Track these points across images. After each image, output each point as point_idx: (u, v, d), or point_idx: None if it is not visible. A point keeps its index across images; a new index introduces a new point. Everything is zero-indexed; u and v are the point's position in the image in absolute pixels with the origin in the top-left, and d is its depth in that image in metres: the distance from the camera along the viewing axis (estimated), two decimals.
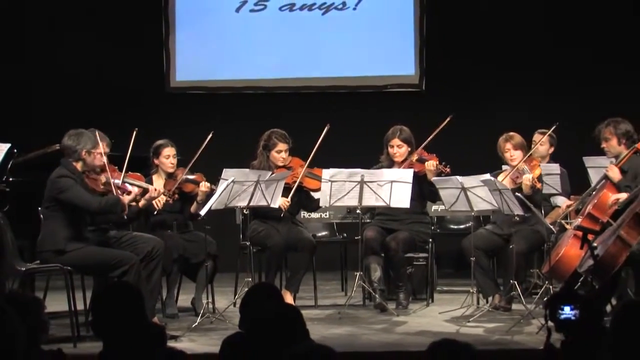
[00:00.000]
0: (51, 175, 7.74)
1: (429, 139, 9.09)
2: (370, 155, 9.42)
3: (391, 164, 9.15)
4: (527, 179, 8.60)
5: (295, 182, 8.94)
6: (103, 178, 7.92)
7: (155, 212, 8.62)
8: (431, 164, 8.91)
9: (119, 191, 7.90)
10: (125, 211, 7.88)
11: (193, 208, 8.76)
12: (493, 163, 9.14)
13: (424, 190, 9.08)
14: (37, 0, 12.09)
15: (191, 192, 8.76)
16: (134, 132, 8.26)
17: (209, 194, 8.47)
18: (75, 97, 11.66)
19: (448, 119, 9.04)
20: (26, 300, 4.88)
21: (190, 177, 8.77)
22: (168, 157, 8.83)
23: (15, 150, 8.99)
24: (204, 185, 8.64)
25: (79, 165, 7.79)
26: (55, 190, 7.67)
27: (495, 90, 11.97)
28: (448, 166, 8.90)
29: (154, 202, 8.47)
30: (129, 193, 7.97)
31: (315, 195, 9.11)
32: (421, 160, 9.03)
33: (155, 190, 8.34)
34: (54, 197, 7.69)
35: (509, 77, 12.01)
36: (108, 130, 8.32)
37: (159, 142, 8.89)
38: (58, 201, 7.68)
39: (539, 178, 8.75)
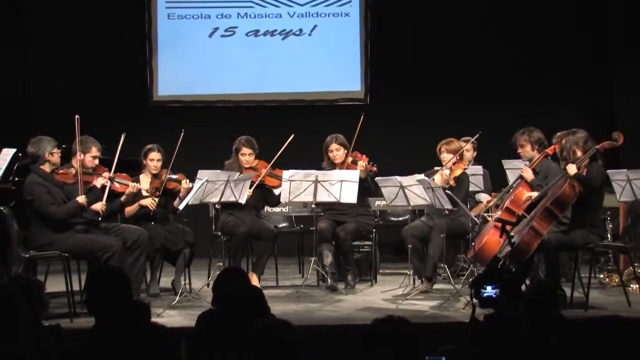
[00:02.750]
0: (25, 181, 7.70)
1: (353, 140, 9.11)
2: (322, 157, 9.42)
3: (332, 167, 9.16)
4: (445, 174, 8.68)
5: (257, 181, 8.95)
6: (72, 171, 7.88)
7: (152, 213, 8.64)
8: (360, 165, 8.95)
9: (88, 179, 7.90)
10: (84, 206, 7.79)
11: (176, 202, 8.72)
12: (426, 163, 9.19)
13: (363, 186, 9.09)
14: (39, 27, 12.00)
15: (174, 189, 8.75)
16: (122, 136, 8.24)
17: (189, 190, 8.46)
18: (71, 109, 11.50)
19: (362, 118, 9.07)
20: (29, 283, 4.85)
21: (173, 176, 8.76)
22: (153, 160, 8.80)
23: (20, 154, 8.92)
24: (186, 183, 8.64)
25: (46, 167, 7.73)
26: (27, 195, 7.64)
27: (428, 103, 12.02)
28: (375, 165, 8.93)
29: (149, 204, 8.53)
30: (99, 176, 7.96)
31: (276, 191, 9.13)
32: (355, 162, 9.07)
33: (134, 187, 8.31)
34: (26, 201, 7.64)
35: (440, 92, 12.06)
36: (99, 137, 8.27)
37: (149, 146, 8.87)
38: (31, 205, 7.63)
39: (457, 178, 8.78)
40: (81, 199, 7.74)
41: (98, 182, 7.96)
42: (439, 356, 4.18)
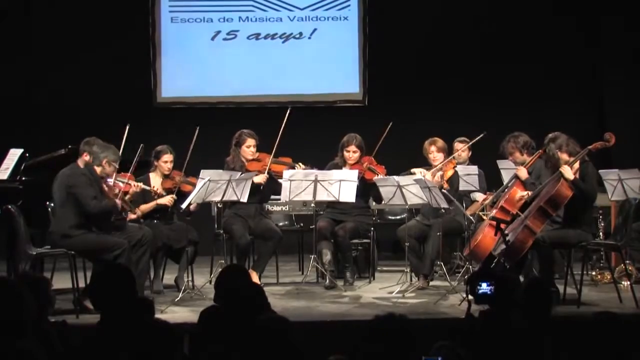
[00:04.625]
0: (66, 169, 7.69)
1: (377, 147, 9.12)
2: (323, 156, 9.43)
3: (343, 164, 9.17)
4: (438, 176, 8.68)
5: (265, 169, 8.97)
6: (116, 190, 7.91)
7: (169, 210, 8.68)
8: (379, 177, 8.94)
9: (121, 201, 7.95)
10: (119, 207, 7.85)
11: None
12: (423, 164, 9.18)
13: (371, 193, 9.10)
14: (45, 29, 11.99)
15: (189, 192, 8.74)
16: (126, 128, 8.24)
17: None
18: (78, 110, 11.57)
19: (389, 126, 9.07)
20: (36, 279, 4.85)
21: (188, 179, 8.77)
22: (166, 162, 8.83)
23: (27, 155, 8.92)
24: None
25: (98, 170, 7.75)
26: (69, 181, 7.64)
27: (424, 104, 12.04)
28: None
29: (167, 202, 8.61)
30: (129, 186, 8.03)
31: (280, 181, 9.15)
32: (371, 170, 9.05)
33: (138, 186, 8.31)
34: (65, 187, 7.63)
35: (436, 93, 12.08)
36: (105, 137, 8.27)
37: (160, 147, 8.90)
38: (68, 193, 7.63)
39: (449, 179, 8.81)
40: (118, 201, 7.80)
41: (131, 191, 8.03)
42: (435, 355, 4.18)
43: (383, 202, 9.00)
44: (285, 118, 9.00)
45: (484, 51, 12.17)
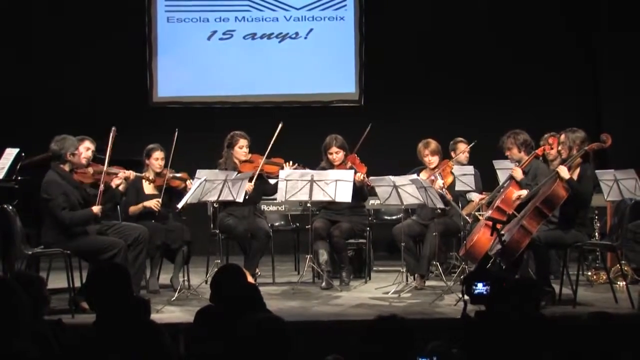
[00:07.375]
0: (44, 178, 7.67)
1: (357, 146, 9.13)
2: (319, 157, 9.42)
3: (330, 167, 9.16)
4: (438, 185, 8.62)
5: (257, 171, 8.94)
6: (91, 170, 7.89)
7: (157, 214, 8.63)
8: (359, 176, 8.91)
9: (108, 177, 7.93)
10: (98, 216, 7.81)
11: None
12: (419, 164, 9.17)
13: (358, 192, 9.11)
14: (42, 29, 11.98)
15: (177, 187, 8.74)
16: (113, 131, 8.18)
17: None
18: (74, 110, 11.56)
19: (368, 128, 9.07)
20: (31, 279, 4.84)
21: (177, 175, 8.77)
22: (157, 159, 8.81)
23: (23, 154, 8.91)
24: (190, 183, 8.63)
25: (66, 167, 7.72)
26: (43, 194, 7.62)
27: (421, 105, 12.03)
28: (371, 182, 8.87)
29: (153, 206, 8.55)
30: (116, 176, 7.99)
31: (274, 180, 9.11)
32: (353, 170, 9.04)
33: (130, 173, 8.29)
34: (43, 199, 7.63)
35: (432, 93, 12.08)
36: (100, 138, 8.28)
37: (151, 145, 8.87)
38: (44, 204, 7.63)
39: (450, 186, 8.79)
40: (96, 208, 7.75)
41: (114, 182, 7.97)
42: (430, 355, 4.17)
43: (380, 203, 9.00)
44: (277, 131, 8.97)
45: (482, 51, 12.17)
